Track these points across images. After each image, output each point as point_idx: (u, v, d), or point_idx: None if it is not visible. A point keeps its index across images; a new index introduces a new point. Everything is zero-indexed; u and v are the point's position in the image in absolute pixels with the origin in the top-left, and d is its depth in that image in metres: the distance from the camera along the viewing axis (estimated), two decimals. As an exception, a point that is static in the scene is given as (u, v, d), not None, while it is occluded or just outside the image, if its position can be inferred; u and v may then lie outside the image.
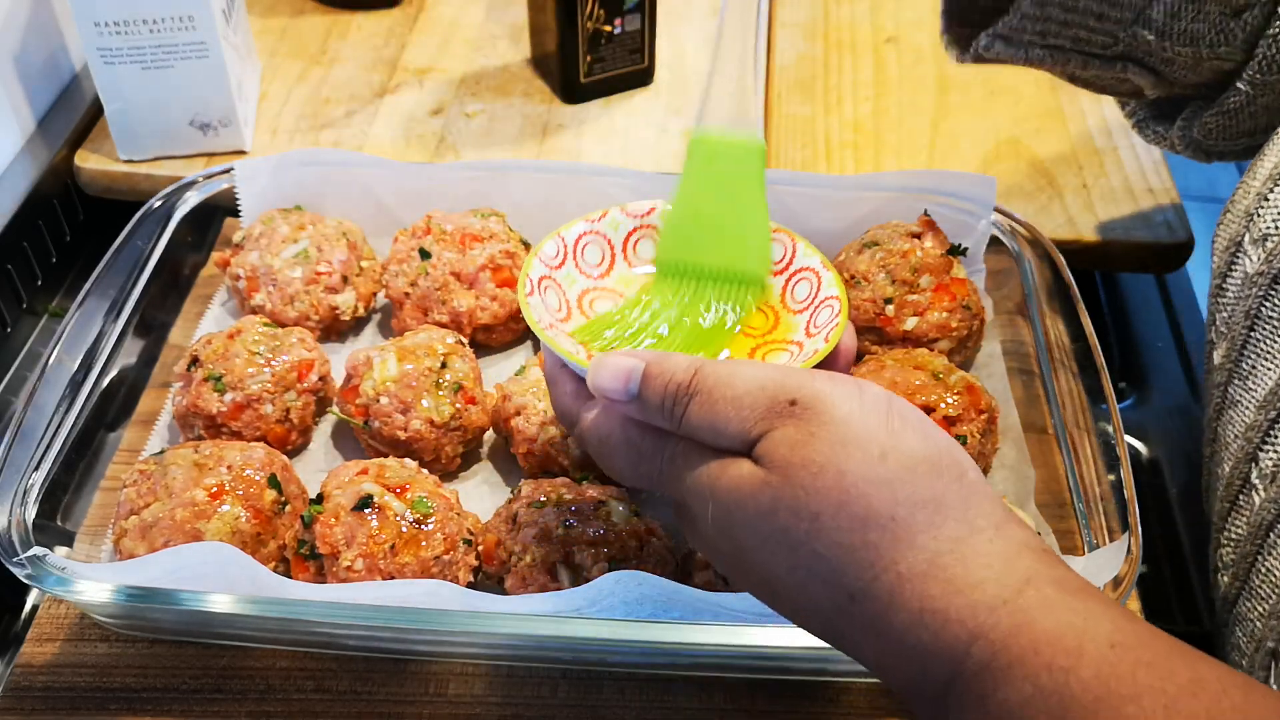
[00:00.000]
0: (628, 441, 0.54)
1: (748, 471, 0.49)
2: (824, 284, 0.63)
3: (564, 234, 0.65)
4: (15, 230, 0.99)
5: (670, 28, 1.23)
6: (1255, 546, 0.65)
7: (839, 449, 0.47)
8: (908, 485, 0.47)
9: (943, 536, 0.46)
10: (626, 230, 0.67)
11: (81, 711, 0.70)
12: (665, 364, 0.52)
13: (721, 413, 0.50)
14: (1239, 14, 0.74)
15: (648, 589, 0.64)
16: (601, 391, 0.53)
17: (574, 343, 0.61)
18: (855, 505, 0.47)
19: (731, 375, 0.50)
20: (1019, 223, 0.91)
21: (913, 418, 0.49)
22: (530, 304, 0.60)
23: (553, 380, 0.59)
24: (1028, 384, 0.87)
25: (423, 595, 0.65)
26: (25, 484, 0.71)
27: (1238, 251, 0.66)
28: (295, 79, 1.16)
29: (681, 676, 0.71)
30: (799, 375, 0.50)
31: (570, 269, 0.65)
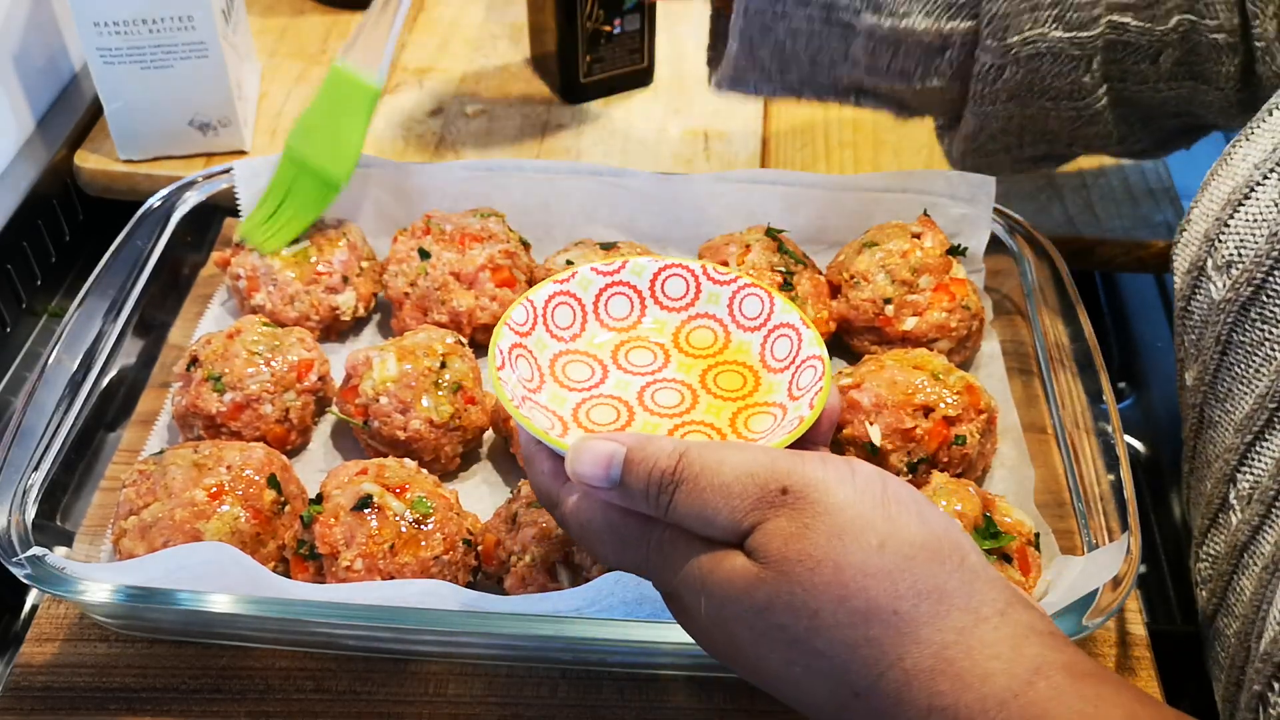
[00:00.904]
0: (610, 527, 0.52)
1: (740, 566, 0.47)
2: (804, 342, 0.61)
3: (532, 297, 0.63)
4: (15, 230, 0.99)
5: (670, 28, 1.23)
6: (1231, 565, 0.65)
7: (835, 541, 0.46)
8: (908, 576, 0.45)
9: (947, 628, 0.45)
10: (597, 289, 0.65)
11: (81, 711, 0.70)
12: (648, 449, 0.50)
13: (710, 503, 0.48)
14: (941, 52, 0.77)
15: (648, 589, 0.64)
16: (581, 479, 0.51)
17: (549, 415, 0.59)
18: (855, 600, 0.45)
19: (719, 462, 0.48)
20: (1019, 222, 0.91)
21: (908, 500, 0.48)
22: (501, 379, 0.57)
23: (529, 459, 0.57)
24: (1027, 384, 0.87)
25: (422, 595, 0.65)
26: (25, 484, 0.71)
27: (1200, 276, 0.66)
28: (295, 79, 1.16)
29: (681, 676, 0.71)
30: (788, 460, 0.48)
31: (541, 333, 0.63)
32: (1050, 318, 0.85)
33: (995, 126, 0.81)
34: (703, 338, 0.65)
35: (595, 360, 0.63)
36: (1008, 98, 0.78)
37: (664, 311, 0.65)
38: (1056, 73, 0.77)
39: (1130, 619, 0.75)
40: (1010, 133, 0.82)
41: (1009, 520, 0.73)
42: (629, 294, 0.65)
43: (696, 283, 0.65)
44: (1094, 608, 0.64)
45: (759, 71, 0.82)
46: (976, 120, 0.80)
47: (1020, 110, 0.80)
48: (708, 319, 0.65)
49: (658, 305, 0.65)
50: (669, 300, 0.65)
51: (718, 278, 0.65)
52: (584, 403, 0.61)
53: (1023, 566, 0.71)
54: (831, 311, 0.88)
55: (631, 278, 0.65)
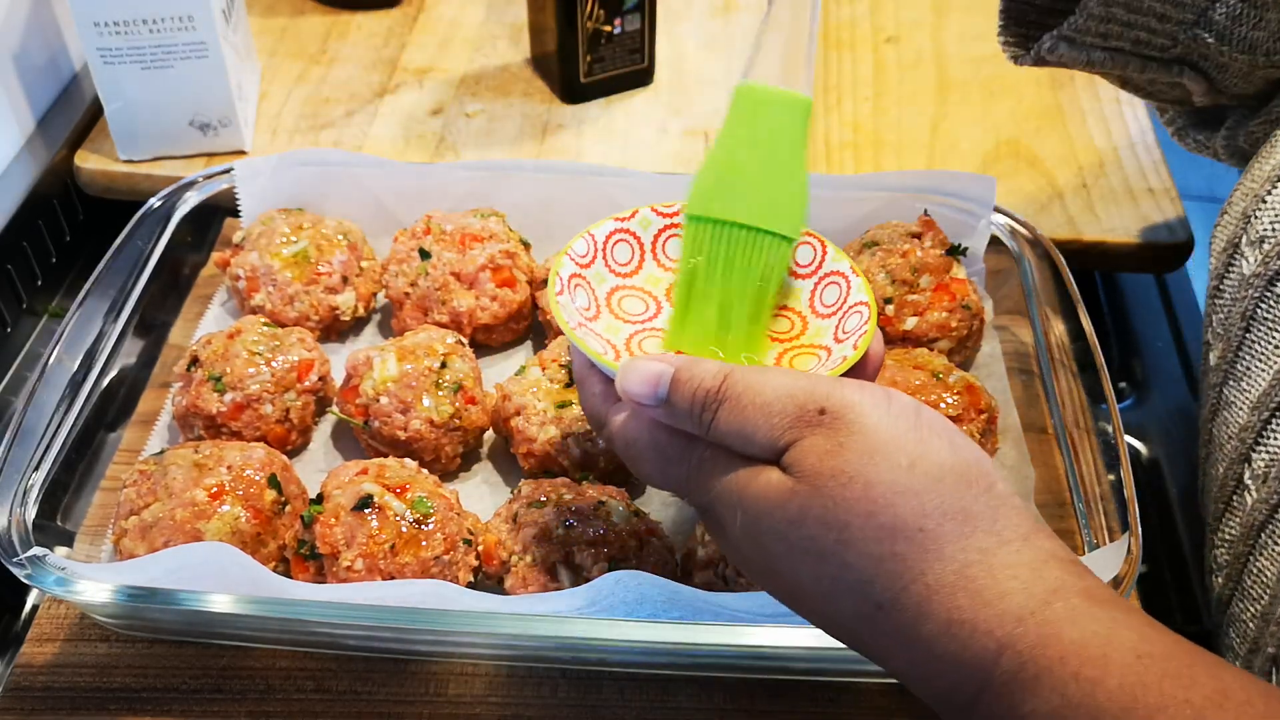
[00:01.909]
0: (655, 446, 0.54)
1: (776, 480, 0.49)
2: (853, 289, 0.63)
3: (594, 232, 0.64)
4: (15, 230, 0.99)
5: (670, 28, 1.23)
6: (1248, 547, 0.65)
7: (867, 459, 0.47)
8: (935, 496, 0.47)
9: (970, 547, 0.46)
10: (656, 229, 0.66)
11: (81, 711, 0.70)
12: (694, 369, 0.52)
13: (750, 420, 0.50)
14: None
15: (648, 589, 0.64)
16: (630, 396, 0.53)
17: (603, 342, 0.60)
18: (883, 516, 0.47)
19: (761, 383, 0.50)
20: (1019, 223, 0.91)
21: (940, 427, 0.49)
22: (560, 303, 0.59)
23: (581, 381, 0.59)
24: (1027, 384, 0.87)
25: (422, 595, 0.65)
26: (25, 484, 0.71)
27: (1235, 253, 0.67)
28: (295, 79, 1.16)
29: (681, 676, 0.71)
30: (828, 384, 0.50)
31: (600, 267, 0.64)
32: (1050, 318, 0.85)
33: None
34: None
35: (650, 296, 0.64)
36: None
37: None
38: None
39: (1130, 619, 0.75)
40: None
41: (1009, 520, 0.73)
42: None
43: None
44: (1094, 608, 0.64)
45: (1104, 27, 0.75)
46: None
47: None
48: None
49: None
50: None
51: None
52: (637, 334, 0.62)
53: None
54: (832, 311, 0.88)
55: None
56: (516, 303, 0.89)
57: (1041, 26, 0.79)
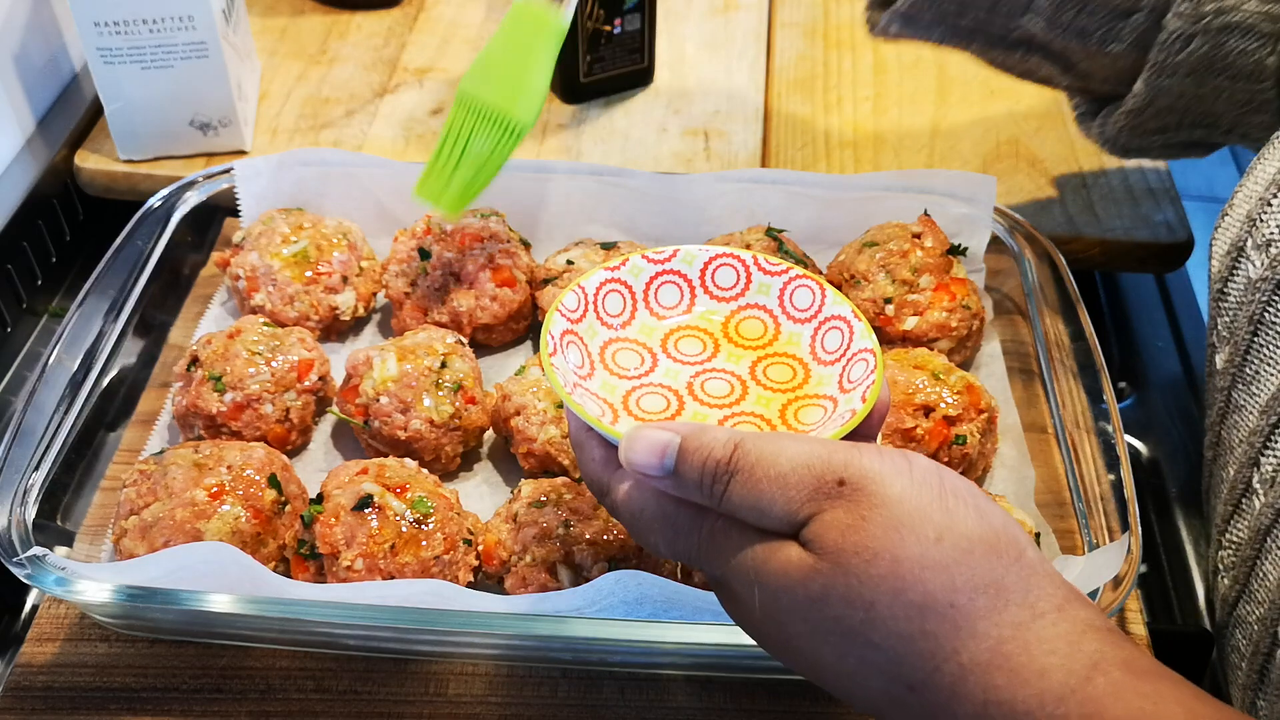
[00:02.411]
0: (663, 516, 0.52)
1: (796, 557, 0.47)
2: (856, 335, 0.61)
3: (584, 284, 0.63)
4: (15, 230, 0.99)
5: (670, 28, 1.23)
6: (1254, 551, 0.65)
7: (892, 533, 0.45)
8: (965, 569, 0.45)
9: (1004, 622, 0.44)
10: (648, 276, 0.65)
11: (81, 711, 0.70)
12: (702, 438, 0.49)
13: (765, 493, 0.48)
14: (1126, 16, 0.75)
15: (648, 589, 0.64)
16: (635, 467, 0.51)
17: (599, 402, 0.59)
18: (912, 593, 0.45)
19: (774, 453, 0.48)
20: (1019, 222, 0.91)
21: (965, 493, 0.47)
22: (554, 365, 0.57)
23: (579, 445, 0.57)
24: (1028, 384, 0.87)
25: (423, 595, 0.65)
26: (25, 484, 0.71)
27: (1240, 256, 0.66)
28: (295, 79, 1.16)
29: (681, 676, 0.71)
30: (845, 451, 0.48)
31: (591, 320, 0.63)
32: (1050, 317, 0.85)
33: (1164, 103, 0.79)
34: (753, 328, 0.64)
35: (645, 349, 0.63)
36: (1187, 72, 0.76)
37: (714, 301, 0.65)
38: (1241, 50, 0.75)
39: (1131, 619, 0.75)
40: (1175, 111, 0.80)
41: (1009, 520, 0.73)
42: (679, 283, 0.65)
43: (747, 272, 0.65)
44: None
45: (934, 11, 0.79)
46: (1148, 93, 0.77)
47: (1195, 87, 0.77)
48: (758, 309, 0.65)
49: (708, 295, 0.65)
50: (719, 290, 0.65)
51: (769, 268, 0.64)
52: (634, 391, 0.61)
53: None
54: (832, 311, 0.88)
55: (682, 266, 0.65)
56: (516, 303, 0.89)
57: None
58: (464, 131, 0.82)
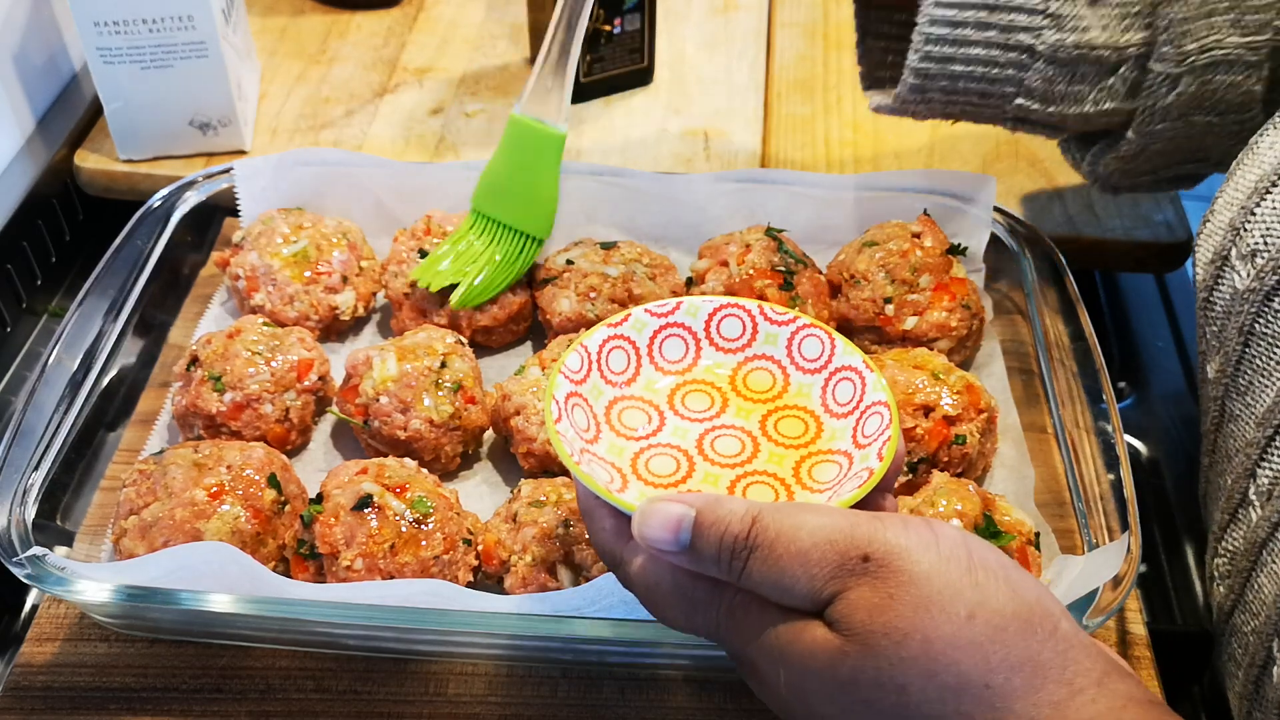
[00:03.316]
0: (678, 590, 0.50)
1: (821, 638, 0.46)
2: (869, 387, 0.59)
3: (586, 343, 0.61)
4: (15, 230, 0.99)
5: (670, 28, 1.23)
6: (1250, 562, 0.65)
7: (922, 612, 0.44)
8: (1000, 648, 0.44)
9: (1042, 701, 0.43)
10: (651, 330, 0.63)
11: (81, 711, 0.70)
12: (718, 511, 0.48)
13: (788, 570, 0.46)
14: (1114, 70, 0.75)
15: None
16: (649, 542, 0.49)
17: (607, 468, 0.57)
18: (945, 675, 0.44)
19: (794, 527, 0.47)
20: (1019, 222, 0.91)
21: (995, 566, 0.46)
22: (559, 432, 0.55)
23: (589, 514, 0.55)
24: (1027, 383, 0.87)
25: (422, 595, 0.65)
26: (25, 484, 0.71)
27: (1224, 266, 0.66)
28: (295, 79, 1.16)
29: (681, 676, 0.71)
30: (869, 525, 0.46)
31: (596, 379, 0.61)
32: (1050, 317, 0.85)
33: (1156, 147, 0.79)
34: (761, 380, 0.63)
35: (651, 406, 0.62)
36: (1177, 115, 0.77)
37: (720, 353, 0.64)
38: (1229, 83, 0.75)
39: (1130, 618, 0.75)
40: (1166, 153, 0.81)
41: (1009, 520, 0.73)
42: (684, 335, 0.64)
43: (753, 323, 0.63)
44: (1094, 607, 0.64)
45: (925, 106, 0.81)
46: (1140, 140, 0.78)
47: (1185, 128, 0.78)
48: (766, 360, 0.63)
49: (713, 347, 0.64)
50: (725, 341, 0.64)
51: (775, 318, 0.63)
52: (642, 453, 0.59)
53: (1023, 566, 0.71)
54: (831, 311, 0.88)
55: (686, 319, 0.64)
56: (516, 303, 0.89)
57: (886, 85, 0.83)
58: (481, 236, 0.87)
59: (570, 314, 0.86)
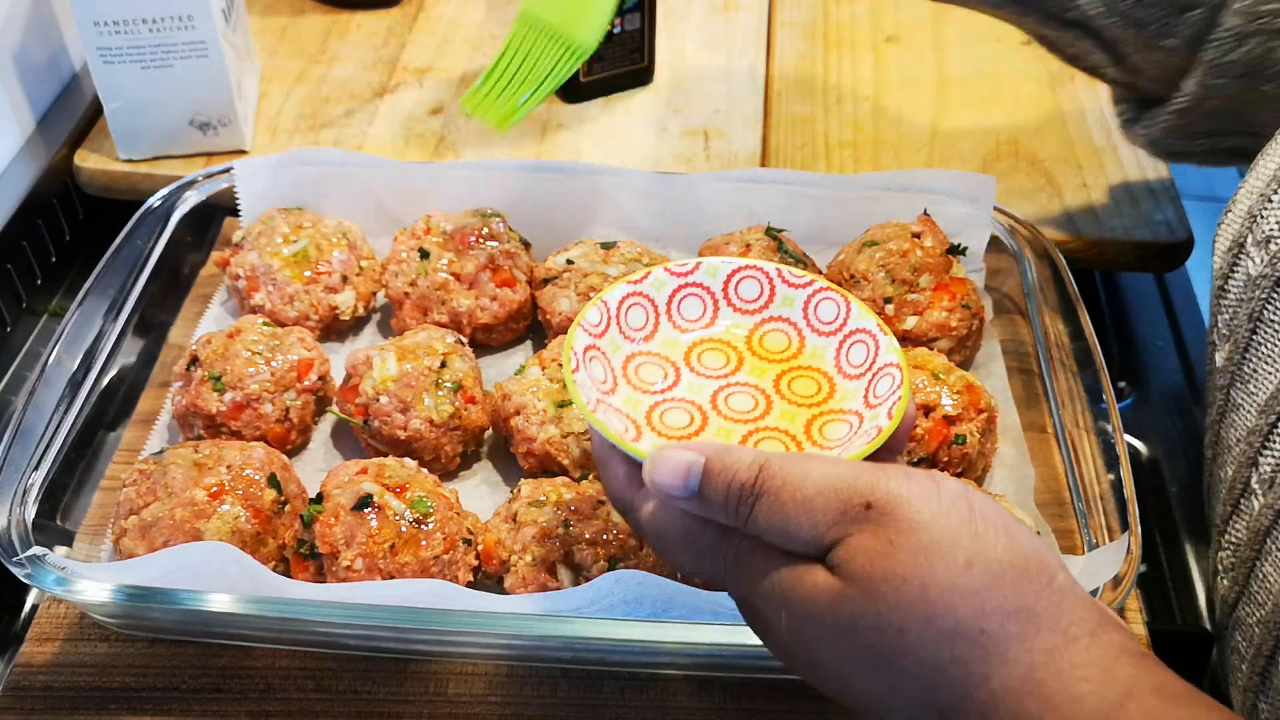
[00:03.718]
0: (688, 536, 0.51)
1: (823, 582, 0.47)
2: (882, 349, 0.60)
3: (606, 298, 0.62)
4: (15, 230, 0.99)
5: (670, 27, 1.23)
6: (1253, 552, 0.65)
7: (921, 559, 0.45)
8: (996, 595, 0.45)
9: (1036, 648, 0.44)
10: (670, 289, 0.64)
11: (81, 711, 0.70)
12: (727, 460, 0.49)
13: (792, 516, 0.47)
14: (1184, 11, 0.75)
15: (648, 589, 0.64)
16: (659, 488, 0.51)
17: (623, 418, 0.58)
18: (942, 619, 0.44)
19: (800, 475, 0.48)
20: (1019, 222, 0.91)
21: (994, 517, 0.47)
22: (577, 381, 0.57)
23: (603, 462, 0.56)
24: (1027, 383, 0.87)
25: (423, 595, 0.65)
26: (25, 484, 0.71)
27: (1240, 253, 0.66)
28: (295, 79, 1.16)
29: (681, 676, 0.71)
30: (871, 474, 0.47)
31: (614, 334, 0.62)
32: (1050, 317, 0.85)
33: (1212, 104, 0.78)
34: (776, 341, 0.64)
35: (668, 362, 0.63)
36: (1239, 72, 0.75)
37: (737, 314, 0.65)
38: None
39: (1130, 618, 0.75)
40: (1222, 115, 0.79)
41: (1009, 520, 0.73)
42: (702, 295, 0.65)
43: (770, 285, 0.64)
44: (1094, 607, 0.64)
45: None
46: (1199, 92, 0.76)
47: (1244, 91, 0.76)
48: (782, 322, 0.64)
49: (731, 307, 0.65)
50: (742, 302, 0.65)
51: (793, 280, 0.64)
52: (657, 406, 0.60)
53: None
54: (831, 311, 0.88)
55: (705, 279, 0.64)
56: (516, 303, 0.89)
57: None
58: (523, 49, 0.85)
59: (570, 314, 0.86)
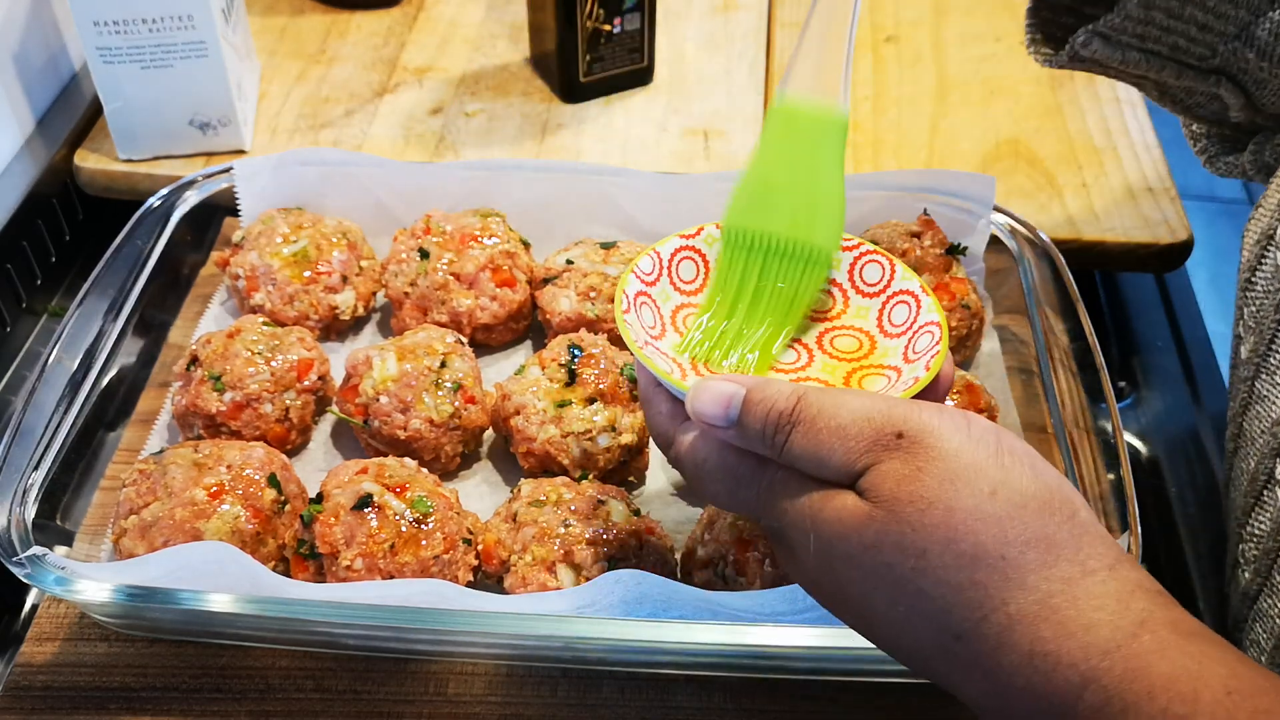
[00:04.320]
0: (725, 467, 0.53)
1: (851, 504, 0.48)
2: (923, 308, 0.62)
3: (659, 249, 0.64)
4: (15, 230, 0.99)
5: (670, 27, 1.23)
6: (1277, 544, 0.65)
7: (947, 485, 0.46)
8: (1018, 523, 0.46)
9: (1054, 577, 0.45)
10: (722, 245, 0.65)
11: (81, 711, 0.70)
12: (767, 390, 0.51)
13: (825, 443, 0.49)
14: None
15: (648, 588, 0.64)
16: (701, 417, 0.52)
17: (669, 360, 0.59)
18: (964, 543, 0.45)
19: (835, 405, 0.49)
20: (1018, 222, 0.91)
21: (1021, 452, 0.48)
22: (626, 321, 0.58)
23: (647, 400, 0.58)
24: (1027, 383, 0.87)
25: (423, 595, 0.65)
26: (25, 484, 0.71)
27: (1269, 245, 0.66)
28: (295, 78, 1.16)
29: (681, 676, 0.71)
30: (905, 406, 0.49)
31: (665, 285, 0.64)
32: (1050, 317, 0.85)
33: None
34: (822, 301, 0.65)
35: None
36: None
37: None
38: None
39: (1130, 618, 0.75)
40: None
41: (1009, 520, 0.73)
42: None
43: None
44: (1094, 607, 0.64)
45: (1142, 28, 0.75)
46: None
47: None
48: (828, 283, 0.65)
49: None
50: None
51: (842, 243, 0.64)
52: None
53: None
54: (831, 311, 0.88)
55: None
56: (516, 302, 0.89)
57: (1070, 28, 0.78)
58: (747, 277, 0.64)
59: (570, 313, 0.86)
